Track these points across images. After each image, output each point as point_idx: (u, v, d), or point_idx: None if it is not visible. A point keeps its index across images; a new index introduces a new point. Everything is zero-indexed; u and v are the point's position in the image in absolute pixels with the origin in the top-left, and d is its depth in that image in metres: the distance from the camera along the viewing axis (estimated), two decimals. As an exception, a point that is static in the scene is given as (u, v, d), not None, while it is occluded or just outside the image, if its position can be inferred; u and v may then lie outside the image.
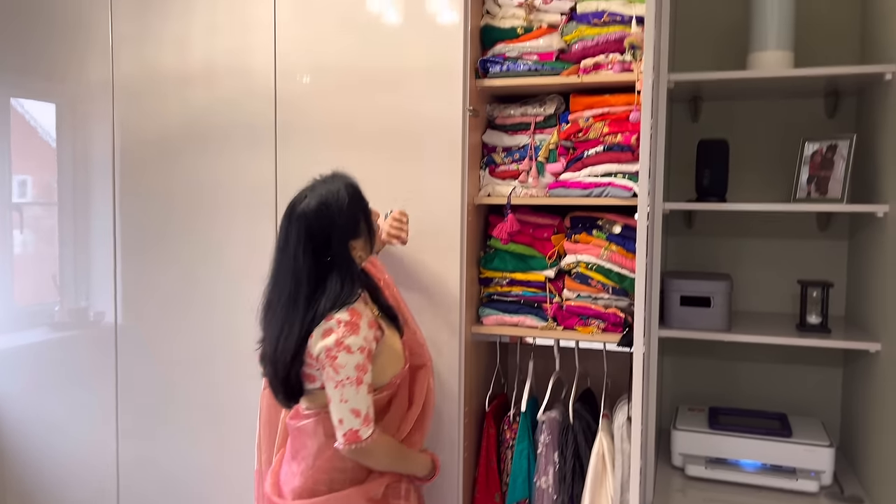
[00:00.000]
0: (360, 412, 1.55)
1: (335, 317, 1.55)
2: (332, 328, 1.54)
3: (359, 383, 1.54)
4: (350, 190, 1.63)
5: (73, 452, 2.51)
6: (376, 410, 1.63)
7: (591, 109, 2.03)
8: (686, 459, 2.06)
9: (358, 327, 1.55)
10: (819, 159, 2.04)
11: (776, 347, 2.26)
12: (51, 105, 2.51)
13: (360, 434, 1.55)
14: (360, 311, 1.59)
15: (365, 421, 1.56)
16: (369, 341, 1.58)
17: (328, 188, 1.61)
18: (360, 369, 1.54)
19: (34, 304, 2.58)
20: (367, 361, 1.56)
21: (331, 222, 1.58)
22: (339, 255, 1.60)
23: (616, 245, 2.03)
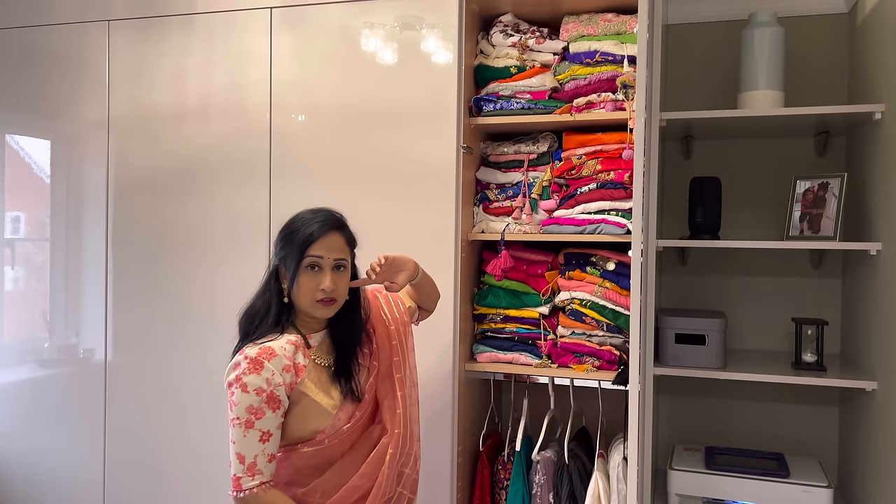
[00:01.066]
0: (245, 459, 1.43)
1: (245, 351, 1.47)
2: (239, 362, 1.46)
3: (248, 426, 1.42)
4: (312, 231, 1.51)
5: (61, 491, 2.45)
6: (306, 468, 1.51)
7: (584, 147, 2.05)
8: (682, 500, 2.03)
9: (262, 367, 1.44)
10: (811, 197, 2.05)
11: (772, 386, 2.24)
12: (46, 142, 2.52)
13: (242, 483, 1.43)
14: (277, 350, 1.47)
15: (249, 469, 1.42)
16: (274, 384, 1.44)
17: (309, 214, 1.55)
18: (253, 412, 1.43)
19: (23, 341, 2.55)
20: (266, 406, 1.44)
21: (280, 233, 1.56)
22: (271, 264, 1.57)
23: (610, 282, 2.03)
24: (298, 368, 1.49)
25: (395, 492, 1.59)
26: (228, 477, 1.59)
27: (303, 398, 1.49)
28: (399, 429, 1.58)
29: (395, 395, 1.62)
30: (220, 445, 2.23)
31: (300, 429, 1.50)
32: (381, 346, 1.65)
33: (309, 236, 1.50)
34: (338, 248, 1.54)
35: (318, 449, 1.51)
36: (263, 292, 1.57)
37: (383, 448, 1.56)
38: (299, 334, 1.54)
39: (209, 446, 2.26)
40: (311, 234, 1.51)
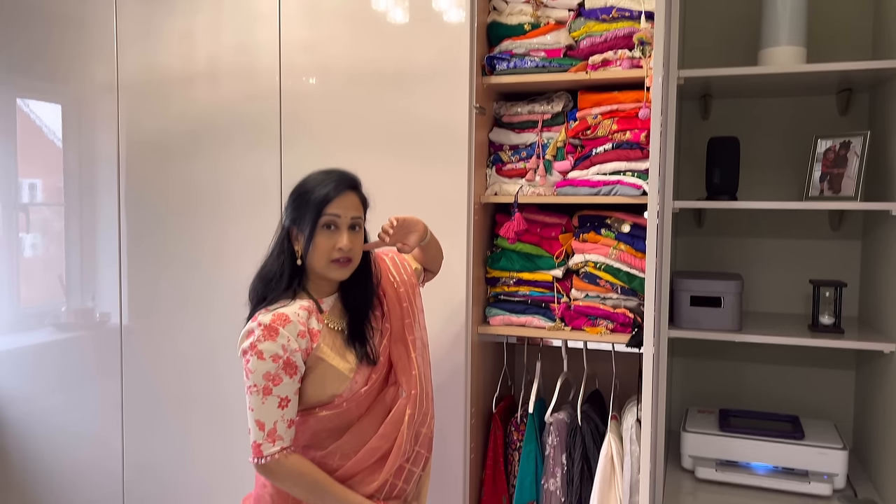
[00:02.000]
0: (265, 425, 1.43)
1: (259, 318, 1.46)
2: (253, 330, 1.45)
3: (266, 393, 1.42)
4: (327, 191, 1.49)
5: (79, 452, 2.50)
6: (325, 432, 1.52)
7: (600, 106, 2.01)
8: (696, 462, 2.03)
9: (277, 333, 1.43)
10: (832, 156, 2.01)
11: (788, 348, 2.23)
12: (56, 106, 2.50)
13: (262, 449, 1.43)
14: (291, 316, 1.46)
15: (269, 436, 1.43)
16: (290, 351, 1.44)
17: (321, 174, 1.53)
18: (270, 379, 1.42)
19: (41, 305, 2.58)
20: (283, 372, 1.43)
21: (292, 194, 1.54)
22: (283, 227, 1.55)
23: (625, 244, 2.00)
24: (313, 334, 1.49)
25: (413, 451, 1.61)
26: (244, 438, 1.61)
27: (319, 363, 1.50)
28: (416, 390, 1.59)
29: (409, 357, 1.63)
30: (235, 407, 2.25)
31: (318, 393, 1.51)
32: (392, 308, 1.65)
33: (326, 195, 1.49)
34: (353, 207, 1.53)
35: (337, 412, 1.52)
36: (278, 255, 1.55)
37: (401, 409, 1.58)
38: (311, 299, 1.54)
39: (224, 408, 2.28)
40: (328, 192, 1.49)
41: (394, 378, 1.63)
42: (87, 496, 2.51)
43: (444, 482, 2.04)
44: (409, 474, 1.61)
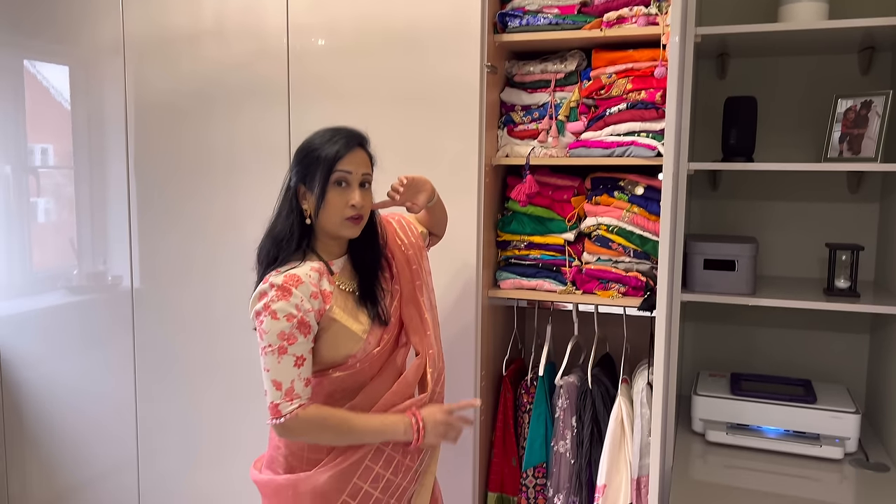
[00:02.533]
0: (282, 385, 1.42)
1: (270, 280, 1.44)
2: (266, 291, 1.43)
3: (281, 353, 1.42)
4: (337, 147, 1.47)
5: (93, 413, 2.54)
6: (339, 392, 1.52)
7: (614, 65, 1.96)
8: (707, 425, 2.03)
9: (290, 293, 1.42)
10: (853, 116, 1.96)
11: (802, 313, 2.20)
12: (64, 67, 2.48)
13: (281, 409, 1.42)
14: (303, 277, 1.45)
15: (286, 395, 1.42)
16: (304, 311, 1.43)
17: (328, 132, 1.51)
18: (285, 338, 1.42)
19: (53, 269, 2.59)
20: (298, 332, 1.43)
21: (299, 151, 1.51)
22: (289, 186, 1.52)
23: (638, 207, 1.98)
24: (325, 295, 1.48)
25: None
26: (256, 398, 1.62)
27: (332, 324, 1.49)
28: (432, 349, 1.62)
29: (422, 318, 1.64)
30: (247, 369, 2.27)
31: (331, 354, 1.51)
32: (402, 270, 1.65)
33: (337, 152, 1.47)
34: (363, 163, 1.52)
35: (350, 373, 1.52)
36: (287, 215, 1.52)
37: (414, 369, 1.60)
38: (321, 261, 1.52)
39: (236, 366, 2.30)
40: (339, 149, 1.47)
41: (405, 339, 1.64)
42: (101, 456, 2.55)
43: (454, 445, 2.04)
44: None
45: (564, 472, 2.04)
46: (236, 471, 2.34)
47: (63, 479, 2.62)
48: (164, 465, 2.45)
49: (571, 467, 2.03)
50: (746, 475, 1.85)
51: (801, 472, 1.86)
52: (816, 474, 1.85)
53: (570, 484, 2.03)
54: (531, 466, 2.10)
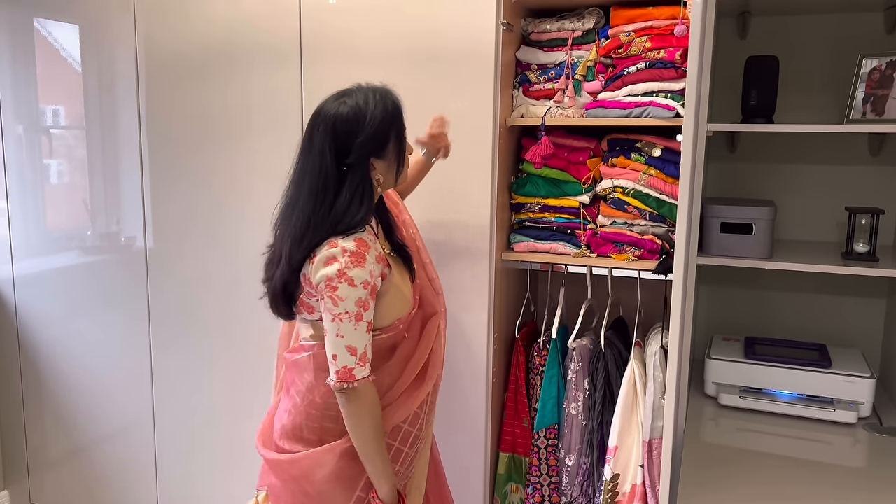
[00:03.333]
0: (357, 350, 1.42)
1: (340, 244, 1.41)
2: (336, 256, 1.40)
3: (358, 319, 1.41)
4: (389, 106, 1.47)
5: (109, 371, 2.57)
6: (377, 354, 1.52)
7: (633, 23, 1.91)
8: (719, 389, 2.03)
9: (364, 259, 1.41)
10: (877, 76, 1.91)
11: (818, 277, 2.18)
12: (74, 26, 2.45)
13: (355, 373, 1.42)
14: (369, 242, 1.45)
15: (361, 360, 1.42)
16: (375, 277, 1.44)
17: (366, 96, 1.46)
18: (361, 305, 1.41)
19: (67, 230, 2.60)
20: (371, 298, 1.43)
21: (358, 128, 1.43)
22: (357, 166, 1.45)
23: (655, 169, 1.95)
24: (383, 258, 1.51)
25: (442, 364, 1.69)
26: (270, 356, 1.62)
27: (391, 287, 1.51)
28: (444, 308, 1.67)
29: (431, 276, 1.69)
30: (260, 326, 2.28)
31: (384, 317, 1.52)
32: (406, 232, 1.71)
33: (399, 111, 1.51)
34: None
35: (391, 335, 1.55)
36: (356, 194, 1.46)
37: (433, 327, 1.64)
38: (368, 225, 1.51)
39: (250, 326, 2.31)
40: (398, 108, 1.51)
41: (421, 300, 1.68)
42: (117, 413, 2.59)
43: (466, 405, 2.06)
44: (435, 387, 1.67)
45: (576, 433, 2.05)
46: (251, 427, 2.37)
47: (80, 434, 2.67)
48: (180, 421, 2.49)
49: (583, 429, 2.05)
50: (759, 438, 1.85)
51: (814, 436, 1.86)
52: (829, 438, 1.85)
53: (581, 445, 2.05)
54: (543, 428, 2.11)
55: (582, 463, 2.05)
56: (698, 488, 1.61)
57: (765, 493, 1.59)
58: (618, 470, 1.96)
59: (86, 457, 2.67)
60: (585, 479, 2.05)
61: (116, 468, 2.63)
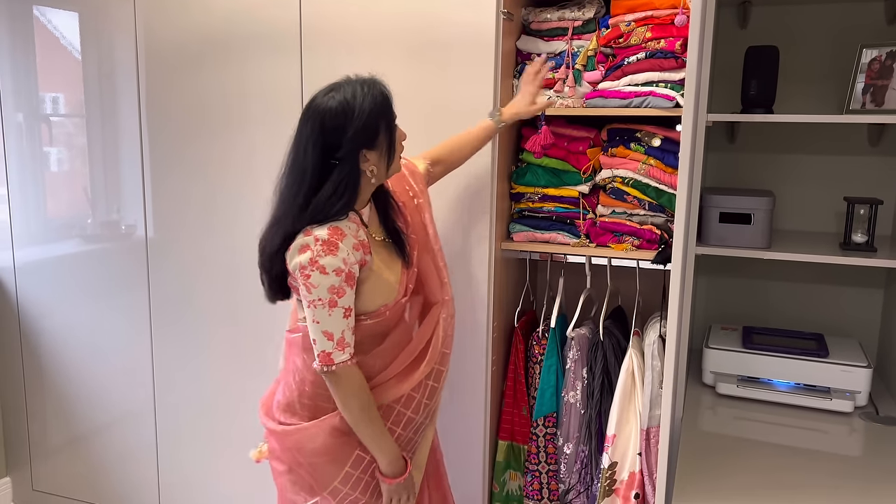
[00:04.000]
0: (333, 335, 1.47)
1: (314, 233, 1.45)
2: (309, 245, 1.44)
3: (332, 305, 1.45)
4: (378, 98, 1.49)
5: (109, 360, 2.58)
6: (367, 338, 1.57)
7: (634, 13, 1.91)
8: (717, 378, 2.04)
9: (336, 247, 1.44)
10: (877, 67, 1.91)
11: (816, 267, 2.19)
12: (74, 14, 2.45)
13: (333, 357, 1.47)
14: (344, 230, 1.47)
15: (339, 345, 1.47)
16: (349, 264, 1.46)
17: (354, 90, 1.48)
18: (335, 292, 1.44)
19: (67, 217, 2.60)
20: (346, 284, 1.46)
21: (346, 123, 1.45)
22: (347, 160, 1.47)
23: (655, 159, 1.95)
24: (364, 245, 1.52)
25: (442, 353, 1.69)
26: (273, 347, 1.62)
27: (371, 275, 1.53)
28: (448, 295, 1.67)
29: (438, 265, 1.69)
30: (260, 314, 2.29)
31: (367, 304, 1.55)
32: (413, 219, 1.69)
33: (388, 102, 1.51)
34: None
35: (378, 321, 1.57)
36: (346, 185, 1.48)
37: (435, 315, 1.66)
38: (354, 212, 1.54)
39: (250, 315, 2.32)
40: (387, 99, 1.51)
41: (420, 286, 1.68)
42: (118, 401, 2.60)
43: (465, 393, 2.07)
44: (437, 373, 1.68)
45: (574, 421, 2.07)
46: (251, 415, 2.39)
47: (81, 423, 2.68)
48: (180, 408, 2.50)
49: (581, 417, 2.06)
50: (756, 427, 1.86)
51: (811, 425, 1.87)
52: (826, 427, 1.86)
53: (579, 433, 2.06)
54: (541, 416, 2.12)
55: (580, 451, 2.07)
56: (695, 476, 1.63)
57: (761, 481, 1.61)
58: (615, 458, 1.97)
59: (87, 444, 2.69)
60: (583, 466, 2.06)
61: (118, 455, 2.65)
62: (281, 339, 2.29)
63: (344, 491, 1.60)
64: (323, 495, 1.61)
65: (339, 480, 1.59)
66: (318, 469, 1.59)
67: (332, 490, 1.59)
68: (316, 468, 1.59)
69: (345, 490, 1.60)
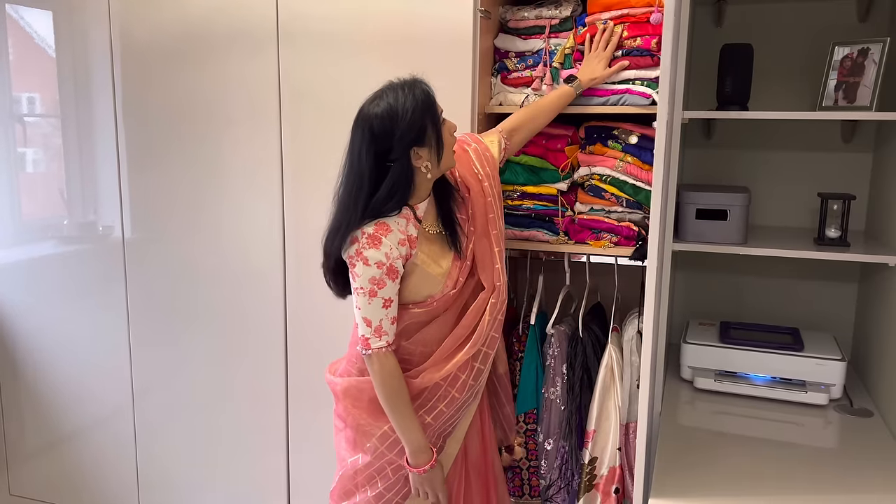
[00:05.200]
0: (371, 323, 1.58)
1: (362, 227, 1.57)
2: (357, 237, 1.57)
3: (371, 295, 1.56)
4: (421, 96, 1.55)
5: (87, 362, 2.55)
6: (415, 324, 1.67)
7: (610, 11, 1.92)
8: (695, 372, 2.06)
9: (380, 242, 1.55)
10: (849, 64, 1.94)
11: (792, 262, 2.22)
12: (47, 12, 2.42)
13: (371, 343, 1.59)
14: (391, 225, 1.57)
15: (376, 332, 1.59)
16: (392, 258, 1.56)
17: (396, 94, 1.54)
18: (375, 283, 1.56)
19: (43, 219, 2.57)
20: (387, 277, 1.56)
21: (394, 126, 1.52)
22: (400, 160, 1.54)
23: (632, 156, 1.96)
24: (411, 240, 1.61)
25: (490, 336, 1.72)
26: (252, 348, 1.60)
27: (416, 269, 1.62)
28: (500, 281, 1.71)
29: (492, 252, 1.72)
30: (238, 316, 2.28)
31: (413, 294, 1.65)
32: (476, 203, 1.72)
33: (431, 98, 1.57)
34: None
35: (427, 310, 1.67)
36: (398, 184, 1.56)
37: (482, 302, 1.70)
38: (408, 207, 1.61)
39: (228, 317, 2.31)
40: (430, 96, 1.56)
41: (474, 271, 1.73)
42: (96, 404, 2.58)
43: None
44: (484, 356, 1.73)
45: (555, 417, 2.08)
46: (230, 415, 2.38)
47: (59, 426, 2.65)
48: (160, 411, 2.48)
49: (562, 413, 2.07)
50: (733, 421, 1.89)
51: (787, 418, 1.90)
52: (802, 419, 1.89)
53: (560, 429, 2.07)
54: (522, 412, 2.13)
55: (560, 447, 2.08)
56: (673, 471, 1.64)
57: (739, 473, 1.63)
58: (596, 453, 1.99)
59: (65, 447, 2.66)
60: (564, 462, 2.07)
61: (96, 458, 2.62)
62: (258, 340, 2.29)
63: (380, 449, 1.70)
64: (364, 451, 1.73)
65: (378, 437, 1.70)
66: (362, 424, 1.72)
67: (370, 447, 1.71)
68: (359, 423, 1.72)
69: (381, 448, 1.70)
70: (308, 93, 2.09)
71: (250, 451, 2.37)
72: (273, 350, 2.27)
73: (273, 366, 2.28)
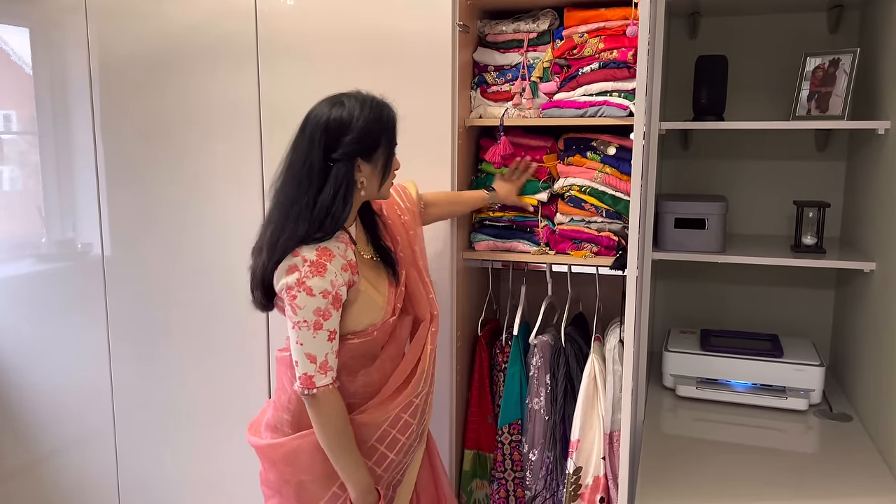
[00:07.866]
0: (317, 358, 1.45)
1: (302, 254, 1.43)
2: (297, 266, 1.43)
3: (317, 328, 1.43)
4: (384, 116, 1.50)
5: (67, 382, 2.52)
6: (355, 357, 1.56)
7: (587, 24, 1.95)
8: (677, 380, 2.08)
9: (325, 269, 1.43)
10: (821, 74, 1.98)
11: (770, 269, 2.25)
12: (24, 30, 2.40)
13: (315, 380, 1.45)
14: (334, 251, 1.47)
15: (321, 368, 1.45)
16: (337, 286, 1.44)
17: (363, 101, 1.49)
18: (321, 314, 1.43)
19: (20, 237, 2.54)
20: (332, 307, 1.44)
21: (349, 127, 1.45)
22: (342, 162, 1.46)
23: (610, 167, 1.99)
24: (352, 266, 1.50)
25: (431, 371, 1.69)
26: (232, 365, 1.58)
27: (359, 295, 1.52)
28: (436, 310, 1.67)
29: (424, 281, 1.69)
30: (221, 333, 2.26)
31: (354, 323, 1.54)
32: (400, 236, 1.69)
33: (394, 119, 1.52)
34: None
35: (366, 340, 1.56)
36: (337, 192, 1.46)
37: (424, 332, 1.65)
38: (344, 230, 1.52)
39: (211, 334, 2.29)
40: (394, 118, 1.52)
41: (409, 303, 1.69)
42: (77, 424, 2.54)
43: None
44: (426, 393, 1.68)
45: (539, 428, 2.08)
46: (213, 434, 2.36)
47: (38, 446, 2.61)
48: (141, 431, 2.46)
49: (546, 423, 2.08)
50: (715, 427, 1.90)
51: (768, 424, 1.92)
52: (782, 425, 1.91)
53: (544, 440, 2.08)
54: (507, 423, 2.13)
55: (545, 457, 2.08)
56: (657, 478, 1.65)
57: (721, 479, 1.64)
58: (580, 463, 1.99)
59: (44, 468, 2.62)
60: (549, 472, 2.08)
61: (76, 480, 2.58)
62: (240, 358, 2.28)
63: None
64: None
65: (326, 501, 1.56)
66: (305, 488, 1.57)
67: None
68: (302, 487, 1.57)
69: None
70: (288, 107, 2.09)
71: (234, 468, 2.35)
72: (256, 366, 2.26)
73: (256, 382, 2.27)
